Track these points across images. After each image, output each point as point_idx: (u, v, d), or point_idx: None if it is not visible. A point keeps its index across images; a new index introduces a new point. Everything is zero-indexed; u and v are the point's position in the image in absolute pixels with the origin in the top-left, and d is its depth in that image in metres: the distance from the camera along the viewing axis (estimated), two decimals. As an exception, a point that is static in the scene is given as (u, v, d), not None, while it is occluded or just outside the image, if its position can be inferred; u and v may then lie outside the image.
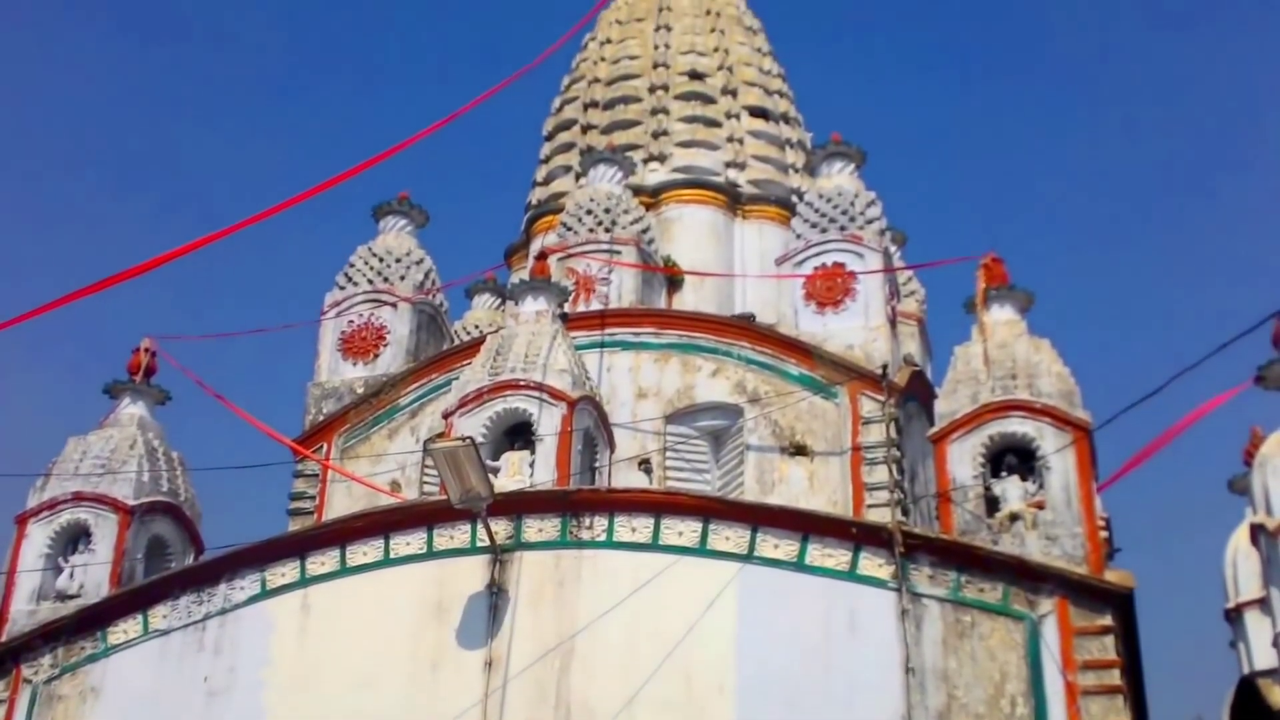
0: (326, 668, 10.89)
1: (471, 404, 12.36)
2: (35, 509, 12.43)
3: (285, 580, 11.36)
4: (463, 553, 11.09)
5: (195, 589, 11.51)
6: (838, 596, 10.31)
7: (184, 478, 13.11)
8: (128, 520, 12.28)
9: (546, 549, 10.98)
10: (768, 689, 10.10)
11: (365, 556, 11.30)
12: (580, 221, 16.07)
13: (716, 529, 10.75)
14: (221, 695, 11.01)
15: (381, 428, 15.14)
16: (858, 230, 15.03)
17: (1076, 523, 10.44)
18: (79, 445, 12.83)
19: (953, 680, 9.86)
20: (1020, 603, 10.03)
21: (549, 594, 10.80)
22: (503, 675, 10.52)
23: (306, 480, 14.97)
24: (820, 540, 10.52)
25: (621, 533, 10.93)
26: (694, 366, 14.68)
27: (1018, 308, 11.99)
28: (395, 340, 15.80)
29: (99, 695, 11.35)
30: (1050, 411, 10.93)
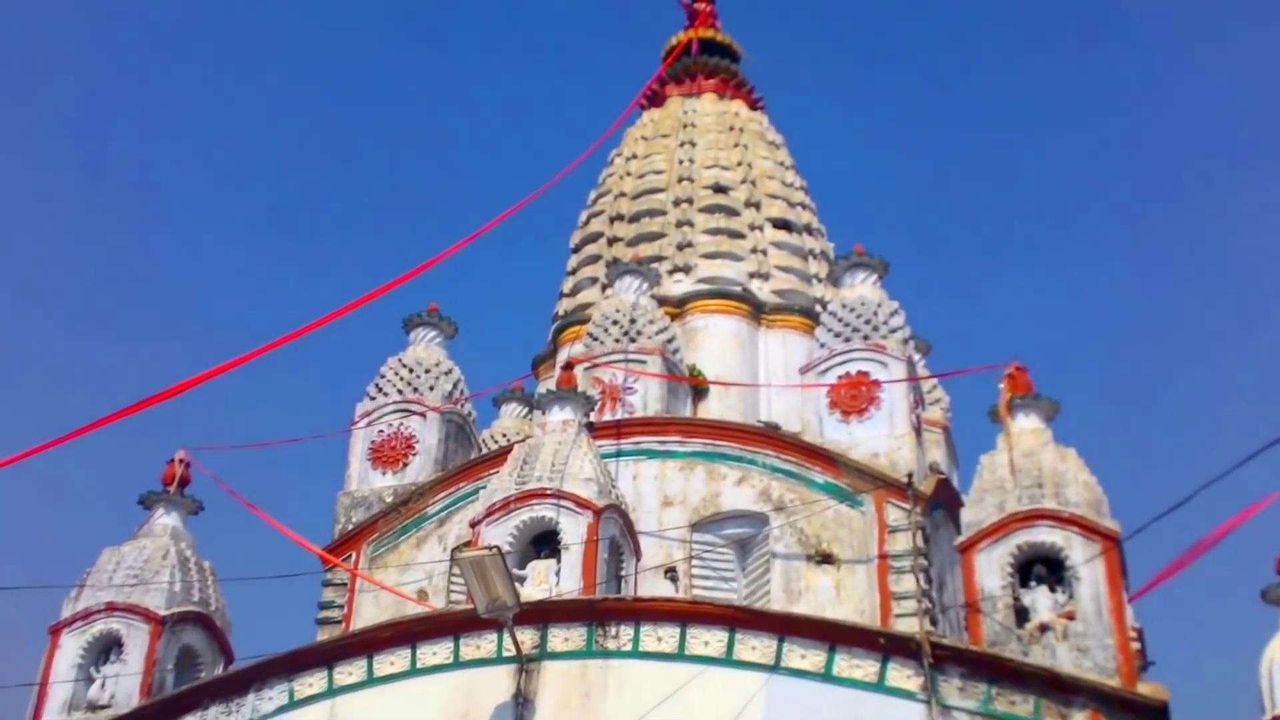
0: (353, 779, 10.84)
1: (498, 513, 12.46)
2: (69, 619, 12.53)
3: (313, 690, 11.37)
4: (489, 662, 11.10)
5: (224, 699, 11.53)
6: (866, 708, 10.22)
7: (215, 587, 13.21)
8: (159, 630, 12.35)
9: (573, 658, 10.96)
10: (798, 805, 9.97)
11: (392, 666, 11.32)
12: (606, 332, 16.31)
13: (743, 639, 10.73)
14: (249, 806, 10.96)
15: (410, 536, 15.22)
16: (881, 339, 15.19)
17: (1108, 634, 10.37)
18: (113, 556, 12.97)
19: (988, 796, 9.72)
20: (1052, 715, 9.91)
21: (575, 704, 10.76)
22: (530, 787, 10.43)
23: (335, 589, 15.02)
24: (848, 651, 10.47)
25: (648, 642, 10.91)
26: (719, 475, 14.74)
27: (1043, 416, 12.06)
28: (424, 449, 15.95)
29: (126, 807, 11.31)
30: (1078, 521, 10.93)
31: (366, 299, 14.67)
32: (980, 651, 10.42)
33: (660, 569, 13.90)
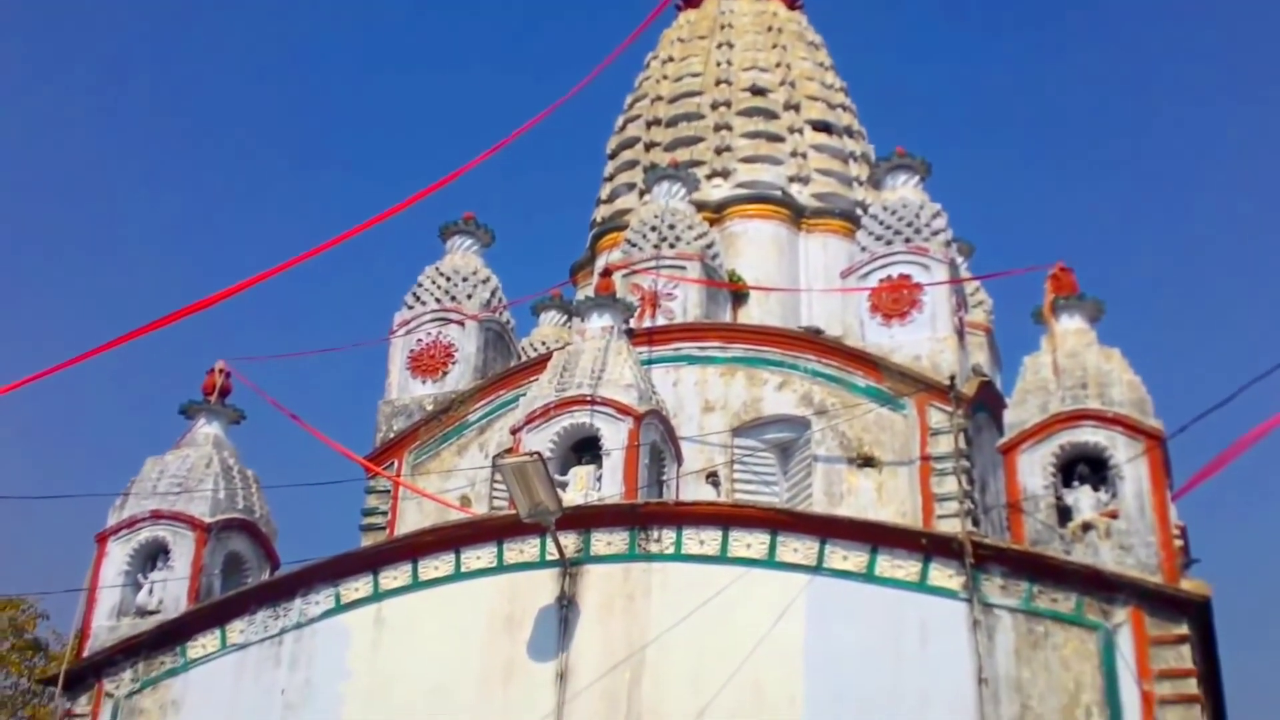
0: (401, 680, 11.03)
1: (539, 420, 12.49)
2: (115, 527, 12.74)
3: (359, 595, 11.53)
4: (533, 566, 11.19)
5: (271, 604, 11.73)
6: (908, 608, 10.24)
7: (259, 495, 13.37)
8: (204, 537, 12.53)
9: (615, 562, 11.03)
10: (838, 700, 10.05)
11: (437, 571, 11.44)
12: (644, 238, 16.16)
13: (785, 541, 10.74)
14: (299, 708, 11.19)
15: (451, 444, 15.32)
16: (923, 242, 14.97)
17: (1150, 532, 10.29)
18: (156, 465, 13.13)
19: (1026, 690, 9.74)
20: (1094, 613, 9.89)
21: (619, 606, 10.85)
22: (574, 686, 10.58)
23: (378, 496, 15.20)
24: (889, 551, 10.47)
25: (690, 545, 10.95)
26: (760, 380, 14.68)
27: (1087, 317, 11.86)
28: (463, 358, 15.99)
29: (179, 709, 11.58)
30: (1122, 420, 10.79)
31: (402, 206, 14.60)
32: (1022, 550, 10.38)
33: (701, 474, 13.93)
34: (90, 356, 12.38)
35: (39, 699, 22.65)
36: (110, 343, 12.09)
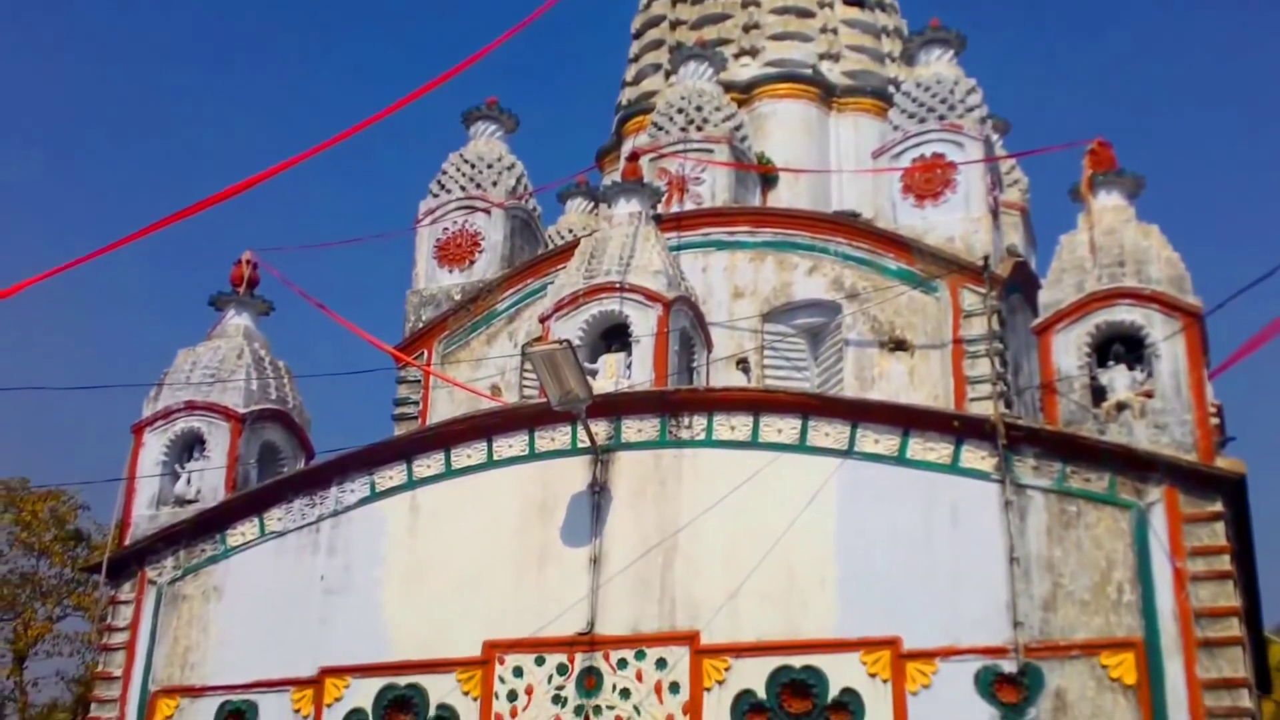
0: (437, 566, 11.21)
1: (567, 308, 12.43)
2: (150, 418, 12.88)
3: (394, 482, 11.66)
4: (564, 454, 11.25)
5: (308, 492, 11.88)
6: (939, 490, 10.25)
7: (291, 386, 13.45)
8: (239, 427, 12.66)
9: (646, 449, 11.07)
10: (869, 582, 10.14)
11: (469, 459, 11.53)
12: (671, 120, 15.88)
13: (816, 425, 10.73)
14: (338, 593, 11.42)
15: (480, 333, 15.33)
16: (957, 119, 14.62)
17: (1186, 410, 10.19)
18: (189, 356, 13.21)
19: (1058, 569, 9.78)
20: (1127, 491, 9.86)
21: (650, 492, 10.92)
22: (608, 571, 10.71)
23: (409, 386, 15.28)
24: (921, 434, 10.44)
25: (721, 431, 10.97)
26: (790, 264, 14.53)
27: (1126, 193, 11.59)
28: (490, 246, 15.90)
29: (221, 594, 11.84)
30: (1159, 298, 10.61)
31: (424, 90, 14.34)
32: (1055, 430, 10.32)
33: (731, 360, 13.89)
34: (117, 247, 12.38)
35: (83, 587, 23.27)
36: (136, 233, 12.06)
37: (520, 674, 10.62)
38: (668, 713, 10.20)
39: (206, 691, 11.47)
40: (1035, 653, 9.59)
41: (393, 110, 14.26)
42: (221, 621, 11.72)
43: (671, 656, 10.34)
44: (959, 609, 9.86)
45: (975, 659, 9.70)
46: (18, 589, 23.71)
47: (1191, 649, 9.33)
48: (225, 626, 11.69)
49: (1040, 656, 9.58)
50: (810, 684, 9.96)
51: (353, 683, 11.01)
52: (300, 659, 11.21)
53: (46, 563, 24.01)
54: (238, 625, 11.64)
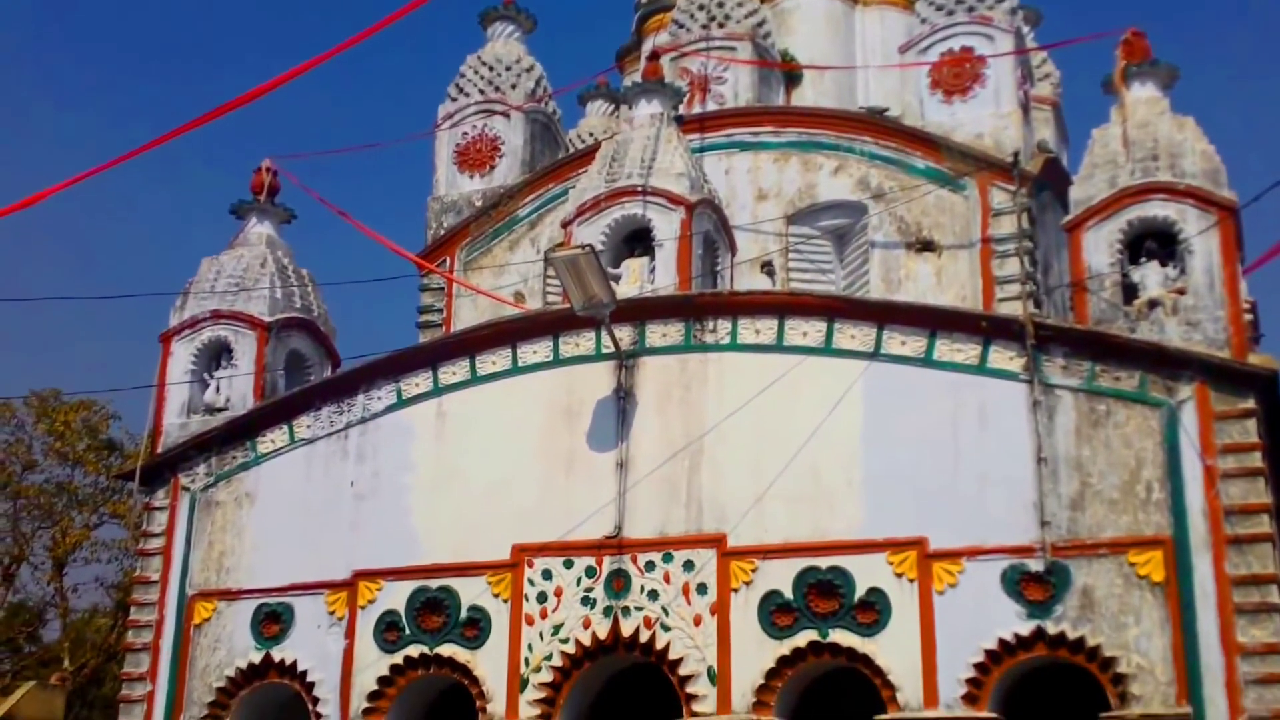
0: (465, 471, 11.28)
1: (589, 212, 12.32)
2: (177, 327, 12.92)
3: (420, 390, 11.70)
4: (589, 359, 11.24)
5: (335, 400, 11.94)
6: (967, 391, 10.19)
7: (315, 294, 13.45)
8: (265, 336, 12.70)
9: (671, 353, 11.05)
10: (896, 483, 10.14)
11: (494, 365, 11.54)
12: (692, 18, 15.56)
13: (841, 328, 10.66)
14: (368, 498, 11.53)
15: (502, 240, 15.26)
16: (987, 10, 14.27)
17: (1219, 306, 10.06)
18: (213, 265, 13.21)
19: (1086, 469, 9.75)
20: (1158, 390, 9.78)
21: (675, 396, 10.92)
22: (634, 475, 10.76)
23: (433, 294, 15.28)
24: (948, 335, 10.35)
25: (745, 335, 10.92)
26: (815, 165, 14.33)
27: (1160, 85, 11.31)
28: (510, 151, 15.75)
29: (253, 500, 11.99)
30: (1193, 193, 10.41)
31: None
32: (1085, 329, 10.22)
33: (756, 263, 13.79)
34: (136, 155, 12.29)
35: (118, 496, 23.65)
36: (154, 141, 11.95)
37: (549, 576, 10.74)
38: (695, 613, 10.32)
39: (243, 595, 11.68)
40: (1062, 551, 9.62)
41: (410, 10, 14.00)
42: (255, 527, 11.88)
43: (699, 559, 10.42)
44: (986, 509, 9.88)
45: (1002, 558, 9.73)
46: (54, 498, 24.13)
47: (1221, 546, 9.33)
48: (259, 532, 11.85)
49: (1067, 555, 9.60)
50: (837, 584, 10.04)
51: (385, 585, 11.17)
52: (333, 563, 11.37)
53: (81, 472, 24.39)
54: (271, 530, 11.80)
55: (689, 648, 10.25)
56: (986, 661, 9.59)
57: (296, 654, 11.27)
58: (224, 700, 11.44)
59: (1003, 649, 9.59)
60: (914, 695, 9.67)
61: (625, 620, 10.46)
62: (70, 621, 25.88)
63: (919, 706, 9.62)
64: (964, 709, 9.53)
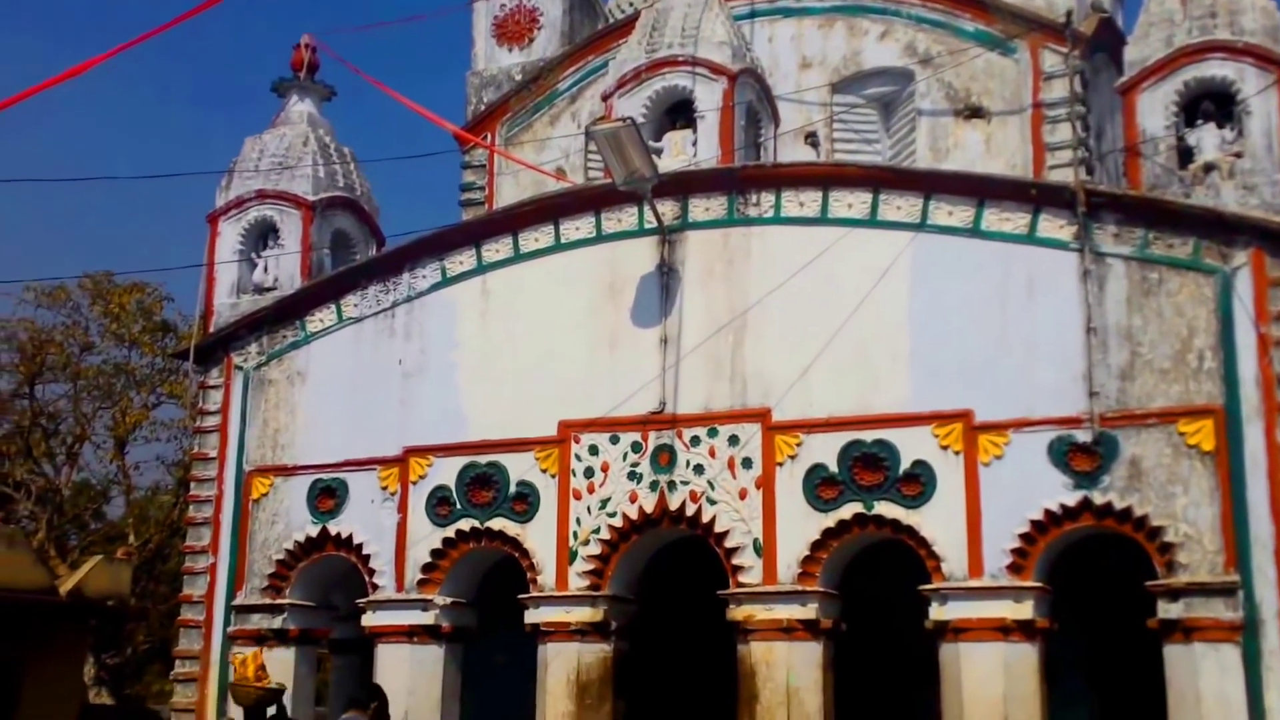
0: (510, 349, 11.36)
1: (629, 84, 12.10)
2: (224, 208, 12.99)
3: (464, 268, 11.73)
4: (631, 235, 11.18)
5: (381, 278, 12.01)
6: (1015, 260, 10.04)
7: (358, 173, 13.43)
8: (310, 215, 12.75)
9: (714, 227, 10.96)
10: (942, 356, 10.09)
11: (537, 242, 11.52)
12: (732, -122, 15.00)
13: (887, 199, 10.50)
14: (416, 376, 11.67)
15: (542, 114, 15.08)
16: None
17: (1277, 169, 9.80)
18: (256, 145, 13.19)
19: (1137, 338, 9.63)
20: (1212, 256, 9.58)
21: (719, 270, 10.86)
22: (678, 351, 10.78)
23: (475, 172, 15.20)
24: (997, 204, 10.17)
25: (789, 208, 10.78)
26: (860, 30, 13.96)
27: (1220, -62, 10.82)
28: (549, 23, 15.47)
29: (305, 379, 12.16)
30: (1252, 50, 10.05)
31: None
32: (1138, 195, 9.99)
33: (800, 134, 13.54)
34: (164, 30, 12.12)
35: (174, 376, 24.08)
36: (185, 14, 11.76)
37: (596, 452, 10.87)
38: (741, 487, 10.42)
39: (298, 471, 11.93)
40: (1111, 422, 9.56)
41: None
42: (307, 404, 12.08)
43: (743, 433, 10.49)
44: (1033, 381, 9.81)
45: (1049, 430, 9.70)
46: (112, 379, 24.61)
47: (1273, 415, 9.23)
48: (311, 409, 12.05)
49: (1116, 425, 9.55)
50: (882, 457, 10.08)
51: (435, 462, 11.36)
52: (385, 439, 11.56)
53: (137, 353, 24.81)
54: (323, 408, 11.99)
55: (734, 520, 10.39)
56: (1032, 532, 9.64)
57: (352, 528, 11.55)
58: (283, 572, 11.79)
59: (1049, 520, 9.63)
60: (959, 566, 9.76)
61: (671, 494, 10.60)
62: (133, 499, 26.65)
63: (964, 577, 9.73)
64: (1009, 579, 9.62)
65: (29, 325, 24.31)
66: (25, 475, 24.40)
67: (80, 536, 26.68)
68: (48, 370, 24.44)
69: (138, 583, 20.66)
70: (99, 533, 27.15)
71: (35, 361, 24.13)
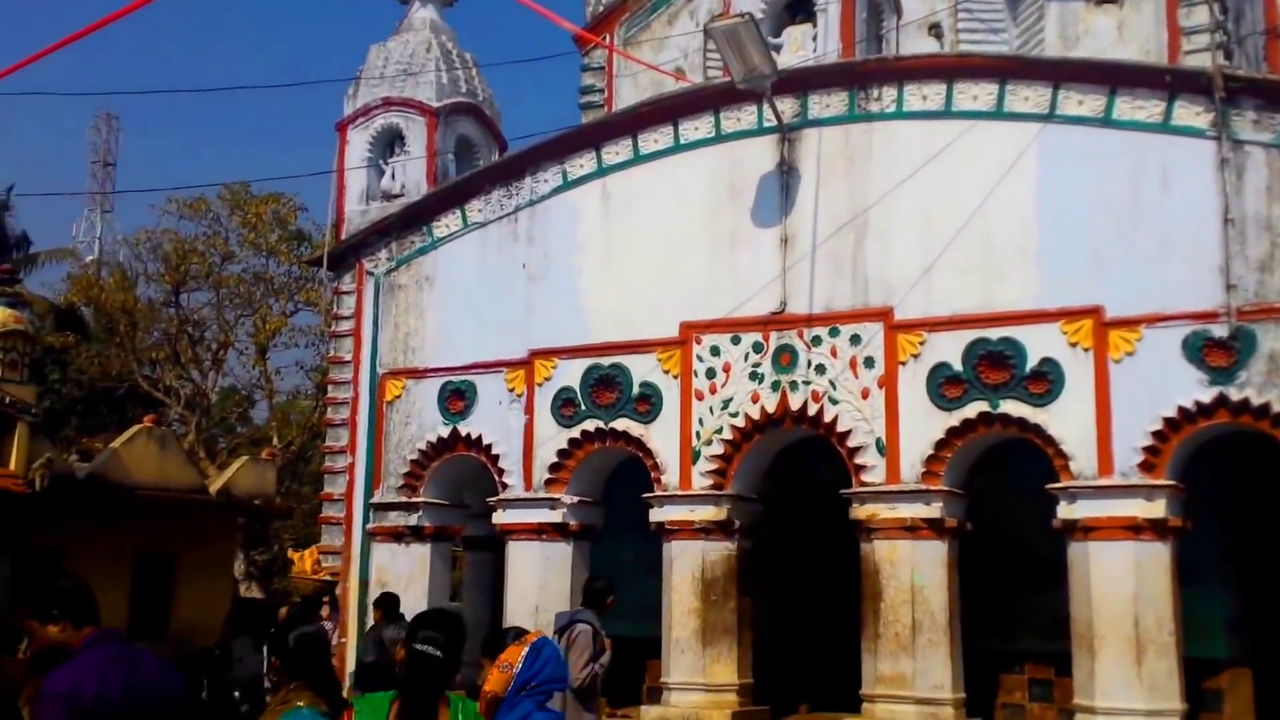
0: (631, 251, 11.46)
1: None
2: (352, 116, 13.28)
3: (584, 171, 11.81)
4: (751, 134, 11.11)
5: (504, 183, 12.18)
6: (1148, 151, 9.70)
7: (479, 79, 13.55)
8: (434, 122, 12.95)
9: (835, 124, 10.81)
10: (1071, 251, 9.85)
11: (656, 144, 11.52)
12: None
13: (1014, 90, 10.20)
14: (540, 279, 11.87)
15: (660, 14, 14.93)
16: None
17: None
18: (380, 53, 13.39)
19: (1276, 229, 9.25)
20: (1363, 138, 9.10)
21: (839, 168, 10.73)
22: (799, 251, 10.74)
23: (594, 74, 15.18)
24: (1130, 92, 9.80)
25: (912, 102, 10.56)
26: (988, -86, 13.42)
27: None
28: (673, -86, 15.20)
29: (433, 283, 12.47)
30: None
31: None
32: (1279, 80, 9.53)
33: (923, 25, 13.16)
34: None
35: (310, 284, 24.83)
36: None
37: (717, 353, 10.96)
38: (863, 386, 10.41)
39: (428, 373, 12.30)
40: (1249, 315, 9.25)
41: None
42: (435, 308, 12.40)
43: (865, 333, 10.44)
44: (1167, 275, 9.53)
45: (1183, 324, 9.44)
46: (252, 287, 25.50)
47: None
48: (439, 313, 12.37)
49: (1254, 319, 9.24)
50: (1008, 355, 9.94)
51: (560, 364, 11.60)
52: (511, 342, 11.83)
53: (274, 262, 25.64)
54: (451, 312, 12.30)
55: (857, 420, 10.40)
56: (1165, 430, 9.45)
57: (481, 428, 11.90)
58: (417, 471, 12.23)
59: (1182, 417, 9.42)
60: (1088, 464, 9.63)
61: (793, 394, 10.64)
62: (275, 403, 27.75)
63: (1093, 475, 9.60)
64: (1141, 477, 9.46)
65: (173, 236, 25.31)
66: (175, 381, 25.59)
67: (227, 439, 27.96)
68: (192, 279, 25.44)
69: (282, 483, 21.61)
70: (244, 435, 28.41)
71: (180, 271, 25.12)
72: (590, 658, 7.46)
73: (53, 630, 3.58)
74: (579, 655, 7.41)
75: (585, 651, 7.45)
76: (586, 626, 7.58)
